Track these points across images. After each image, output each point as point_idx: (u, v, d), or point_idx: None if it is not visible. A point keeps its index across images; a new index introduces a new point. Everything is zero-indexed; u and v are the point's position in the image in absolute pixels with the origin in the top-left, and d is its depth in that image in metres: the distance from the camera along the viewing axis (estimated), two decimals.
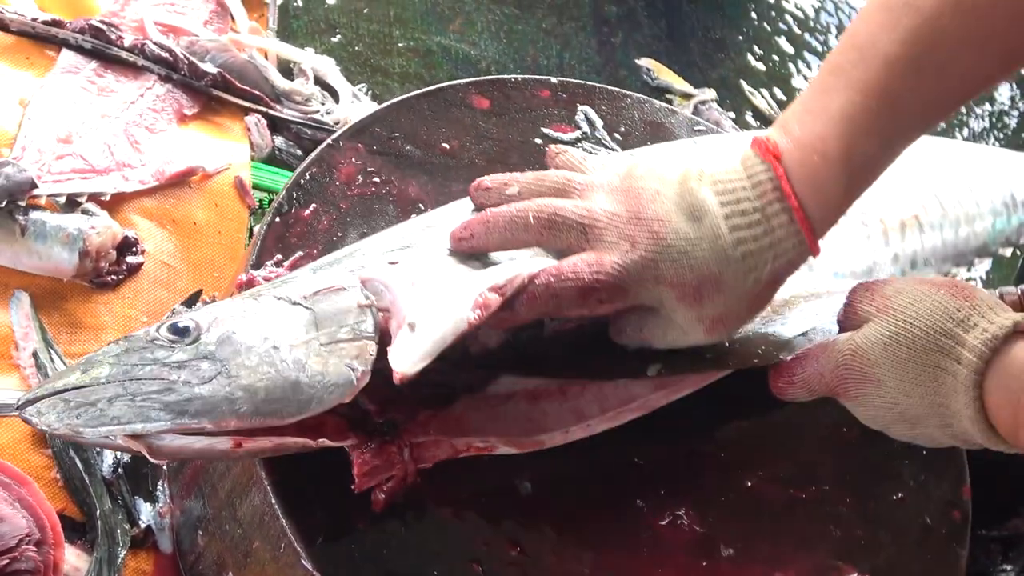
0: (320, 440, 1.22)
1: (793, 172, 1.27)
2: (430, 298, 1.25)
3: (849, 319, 1.31)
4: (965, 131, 2.76)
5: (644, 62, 2.51)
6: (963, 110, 2.64)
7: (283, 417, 1.18)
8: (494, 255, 1.34)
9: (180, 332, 1.22)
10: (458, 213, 1.42)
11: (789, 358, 1.33)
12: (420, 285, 1.27)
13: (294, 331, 1.23)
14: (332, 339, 1.23)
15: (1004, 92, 2.83)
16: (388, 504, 1.27)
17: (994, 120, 2.74)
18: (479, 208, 1.39)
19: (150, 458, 1.17)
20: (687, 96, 2.48)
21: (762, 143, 1.29)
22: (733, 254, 1.27)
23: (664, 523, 1.40)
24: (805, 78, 2.72)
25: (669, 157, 1.35)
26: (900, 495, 1.50)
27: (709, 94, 2.50)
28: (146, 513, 1.50)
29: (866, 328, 1.26)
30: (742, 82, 2.64)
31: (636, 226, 1.28)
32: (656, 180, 1.31)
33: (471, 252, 1.33)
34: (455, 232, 1.34)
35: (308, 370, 1.20)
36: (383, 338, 1.24)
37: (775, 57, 2.75)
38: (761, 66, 2.69)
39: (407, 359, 1.20)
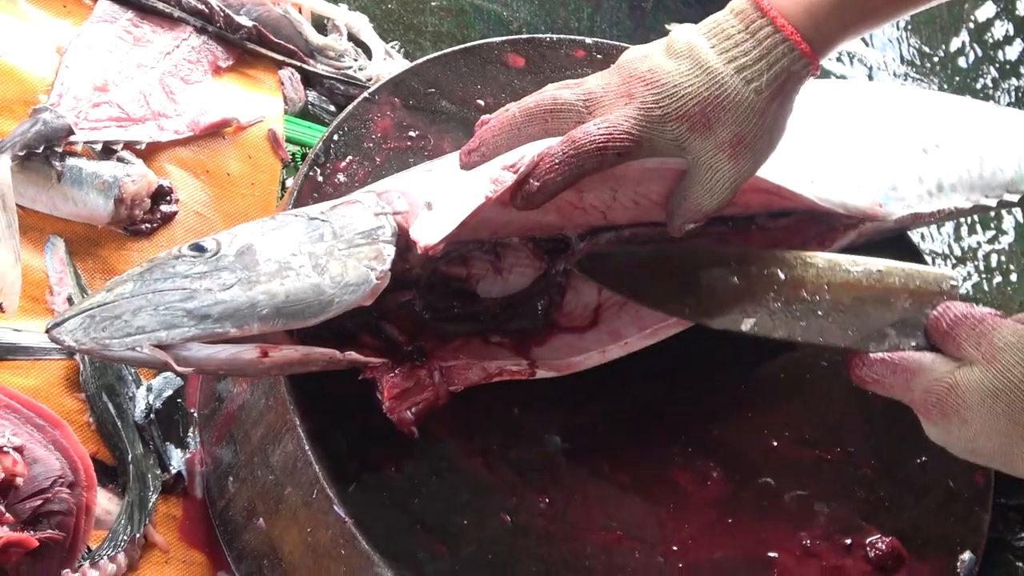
0: (348, 352, 1.23)
1: None
2: (447, 181, 1.28)
3: (946, 346, 1.30)
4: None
5: (674, 27, 2.51)
6: (990, 85, 2.63)
7: (305, 318, 1.20)
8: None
9: (201, 248, 1.24)
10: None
11: (879, 355, 1.33)
12: (436, 172, 1.31)
13: (313, 240, 1.25)
14: (350, 244, 1.24)
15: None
16: (417, 423, 1.29)
17: (1020, 95, 2.73)
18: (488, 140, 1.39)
19: (176, 368, 1.18)
20: None
21: None
22: (725, 71, 1.29)
23: (691, 480, 1.41)
24: None
25: None
26: (924, 459, 1.51)
27: None
28: (177, 459, 1.51)
29: (968, 371, 1.26)
30: None
31: (630, 83, 1.31)
32: (643, 49, 1.35)
33: (481, 162, 1.34)
34: (463, 149, 1.36)
35: (327, 272, 1.21)
36: (404, 241, 1.26)
37: None
38: None
39: (429, 231, 1.23)
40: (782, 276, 1.37)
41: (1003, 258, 2.28)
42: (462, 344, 1.33)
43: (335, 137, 1.51)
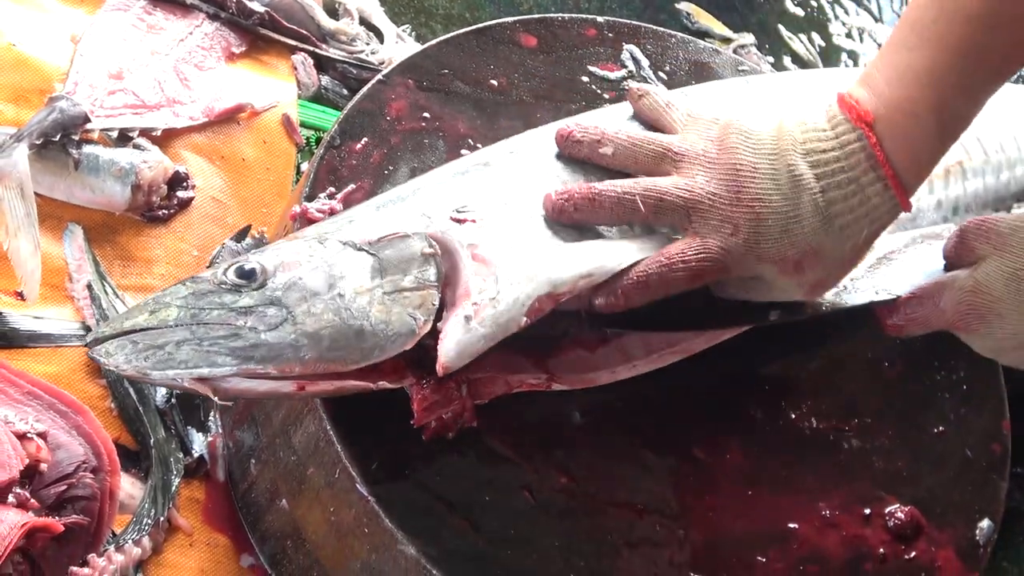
0: (380, 383, 1.24)
1: (884, 137, 1.30)
2: (491, 285, 1.27)
3: (961, 256, 1.33)
4: None
5: (684, 6, 2.51)
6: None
7: (346, 364, 1.21)
8: (556, 238, 1.35)
9: (247, 275, 1.24)
10: (519, 153, 1.43)
11: (902, 296, 1.35)
12: (482, 259, 1.29)
13: (359, 278, 1.25)
14: (396, 287, 1.25)
15: None
16: (437, 435, 1.29)
17: None
18: (566, 156, 1.41)
19: (214, 398, 1.20)
20: (726, 40, 2.48)
21: (850, 105, 1.31)
22: (832, 226, 1.30)
23: (709, 454, 1.42)
24: (843, 23, 2.72)
25: (757, 116, 1.35)
26: (940, 428, 1.52)
27: (748, 39, 2.50)
28: (199, 442, 1.52)
29: (985, 265, 1.28)
30: (780, 27, 2.64)
31: (737, 207, 1.30)
32: (751, 152, 1.32)
33: (569, 223, 1.35)
34: (556, 202, 1.34)
35: (372, 319, 1.22)
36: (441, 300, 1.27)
37: (813, 2, 2.75)
38: (800, 11, 2.68)
39: (455, 352, 1.23)
40: None
41: None
42: (487, 355, 1.33)
43: (350, 120, 1.51)
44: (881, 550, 1.42)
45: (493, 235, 1.31)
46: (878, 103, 1.30)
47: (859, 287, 1.43)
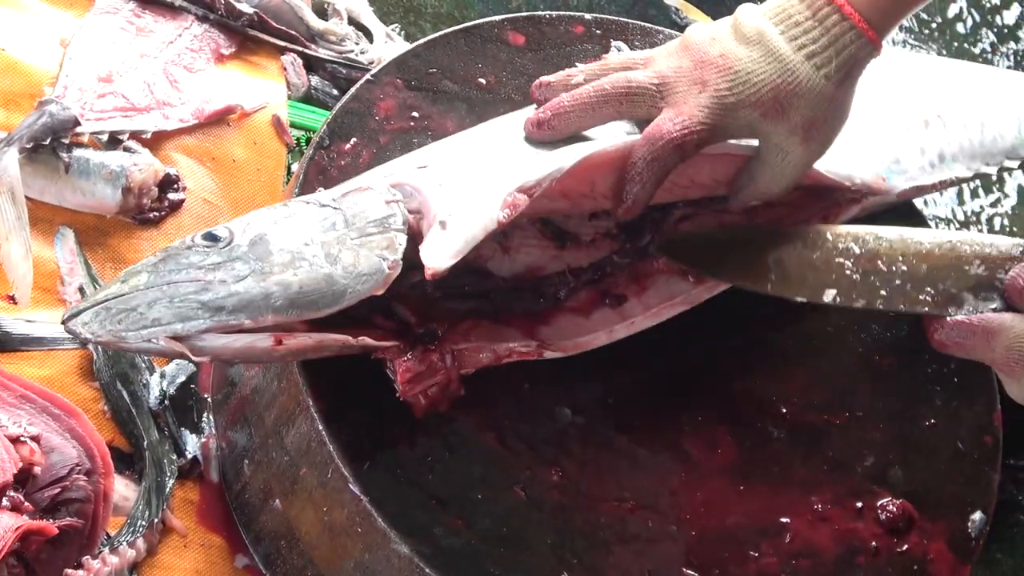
0: (360, 337, 1.24)
1: None
2: (460, 197, 1.28)
3: (1020, 302, 1.36)
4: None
5: (672, 1, 2.51)
6: (988, 50, 2.64)
7: (319, 309, 1.21)
8: (520, 153, 1.36)
9: (214, 238, 1.24)
10: (487, 128, 1.45)
11: (956, 318, 1.36)
12: (449, 185, 1.30)
13: (324, 229, 1.26)
14: (362, 233, 1.25)
15: None
16: (429, 409, 1.30)
17: (1019, 58, 2.73)
18: (547, 99, 1.41)
19: (192, 358, 1.19)
20: None
21: None
22: (796, 58, 1.32)
23: (701, 448, 1.42)
24: None
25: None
26: (932, 421, 1.52)
27: None
28: (192, 444, 1.52)
29: None
30: None
31: (703, 69, 1.34)
32: (709, 30, 1.38)
33: (550, 137, 1.37)
34: (531, 118, 1.37)
35: (340, 262, 1.22)
36: (414, 239, 1.27)
37: None
38: None
39: (439, 255, 1.23)
40: (857, 250, 1.42)
41: (1006, 221, 2.29)
42: (472, 326, 1.33)
43: (339, 120, 1.51)
44: (873, 543, 1.42)
45: (456, 168, 1.33)
46: None
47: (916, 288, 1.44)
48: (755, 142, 1.39)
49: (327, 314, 1.21)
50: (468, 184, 1.29)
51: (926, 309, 1.39)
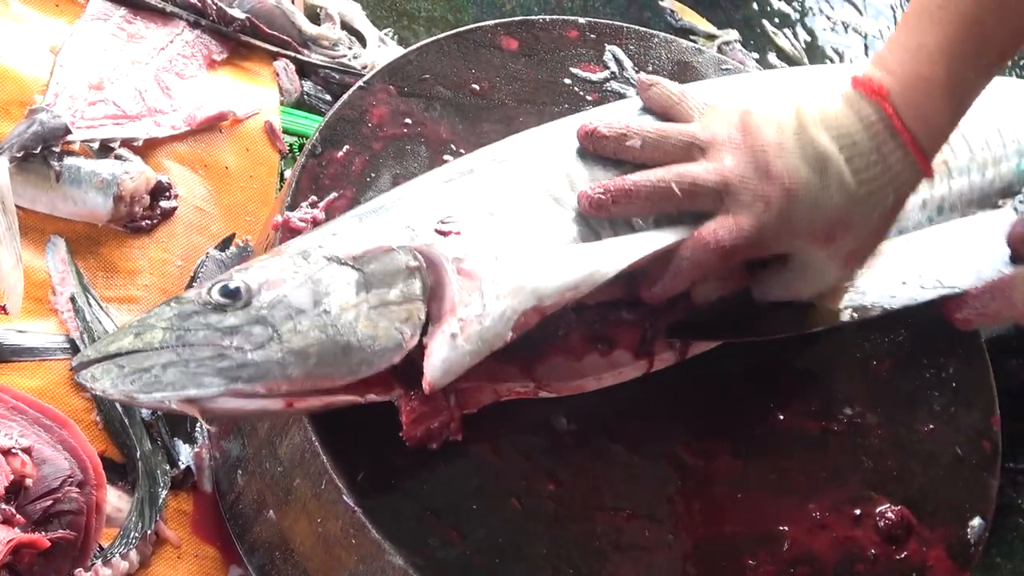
0: (368, 396, 1.24)
1: (901, 109, 1.34)
2: (476, 300, 1.26)
3: None
4: None
5: (668, 3, 2.51)
6: None
7: (334, 380, 1.21)
8: (541, 221, 1.35)
9: (231, 294, 1.23)
10: (504, 160, 1.42)
11: (971, 291, 1.38)
12: (468, 272, 1.28)
13: (344, 293, 1.24)
14: (382, 301, 1.24)
15: None
16: (422, 444, 1.29)
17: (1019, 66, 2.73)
18: (596, 152, 1.42)
19: (203, 421, 1.20)
20: (711, 37, 2.48)
21: (866, 83, 1.36)
22: (858, 194, 1.34)
23: (698, 456, 1.41)
24: (828, 18, 2.71)
25: (774, 102, 1.39)
26: (930, 426, 1.51)
27: (732, 35, 2.50)
28: (185, 454, 1.51)
29: None
30: (765, 22, 2.63)
31: (768, 184, 1.34)
32: (775, 131, 1.36)
33: (605, 217, 1.37)
34: (593, 197, 1.36)
35: (359, 334, 1.21)
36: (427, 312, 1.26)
37: None
38: (784, 6, 2.68)
39: (442, 370, 1.23)
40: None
41: None
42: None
43: (331, 127, 1.51)
44: (872, 551, 1.41)
45: (478, 247, 1.30)
46: (892, 80, 1.35)
47: (924, 283, 1.46)
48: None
49: (340, 385, 1.22)
50: (488, 283, 1.27)
51: (940, 293, 1.42)
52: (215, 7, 1.94)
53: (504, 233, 1.33)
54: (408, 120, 1.54)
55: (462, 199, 1.36)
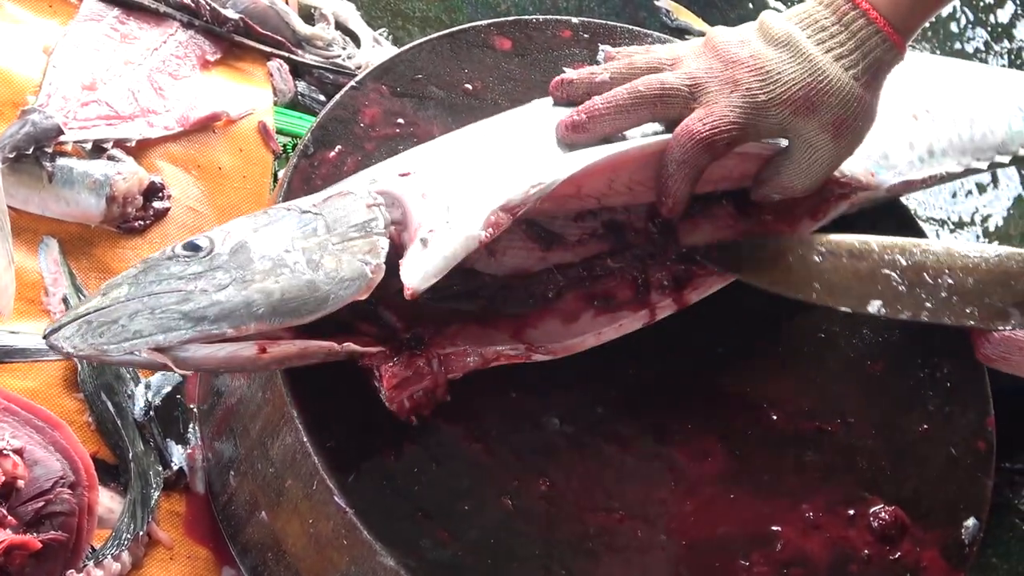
0: (345, 344, 1.24)
1: None
2: (442, 211, 1.27)
3: None
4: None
5: (663, 3, 2.50)
6: (982, 48, 2.63)
7: (302, 316, 1.20)
8: (503, 156, 1.37)
9: (195, 247, 1.24)
10: (474, 131, 1.45)
11: (1002, 333, 1.39)
12: (432, 196, 1.29)
13: (305, 234, 1.25)
14: (343, 238, 1.25)
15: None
16: (412, 412, 1.29)
17: (1013, 57, 2.73)
18: (565, 102, 1.44)
19: (176, 370, 1.19)
20: None
21: None
22: (825, 59, 1.38)
23: (691, 457, 1.41)
24: None
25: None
26: (925, 427, 1.51)
27: None
28: (178, 455, 1.51)
29: None
30: None
31: (734, 69, 1.38)
32: (736, 33, 1.42)
33: (584, 141, 1.38)
34: (565, 121, 1.39)
35: (322, 268, 1.22)
36: (396, 251, 1.26)
37: None
38: (780, 6, 2.68)
39: (418, 274, 1.23)
40: (903, 262, 1.47)
41: (1000, 222, 2.29)
42: (459, 330, 1.33)
43: (323, 127, 1.50)
44: (866, 551, 1.41)
45: (439, 176, 1.32)
46: None
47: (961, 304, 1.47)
48: (784, 141, 1.43)
49: (310, 320, 1.21)
50: (451, 197, 1.29)
51: (972, 323, 1.43)
52: (208, 8, 1.94)
53: (464, 167, 1.35)
54: (400, 120, 1.54)
55: (422, 156, 1.39)
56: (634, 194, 1.44)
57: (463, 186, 1.31)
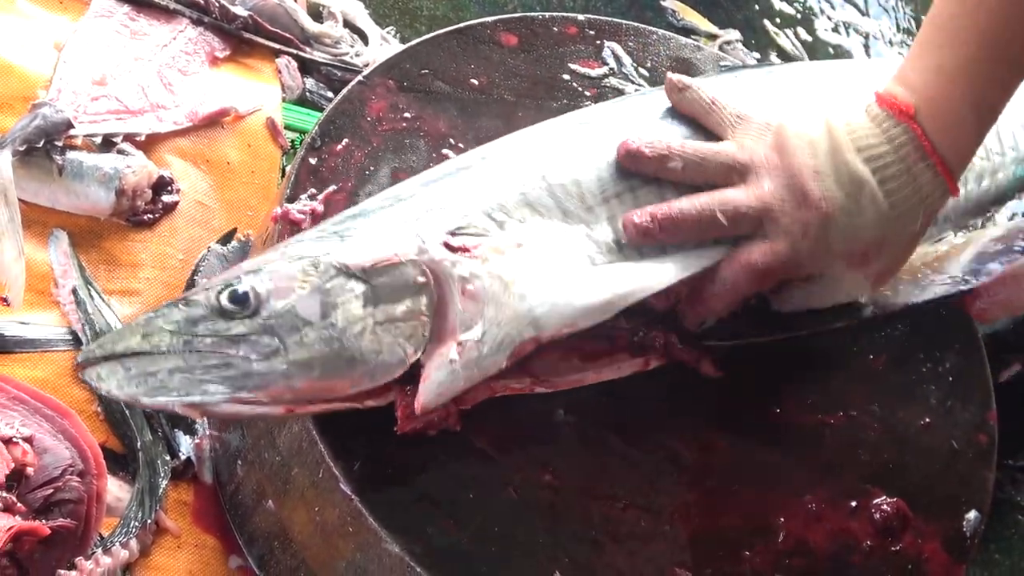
0: (366, 403, 1.25)
1: (928, 128, 1.37)
2: (479, 324, 1.27)
3: None
4: None
5: (669, 3, 2.51)
6: None
7: (335, 391, 1.22)
8: (551, 252, 1.34)
9: (239, 300, 1.23)
10: (505, 156, 1.42)
11: (986, 281, 1.41)
12: (474, 294, 1.28)
13: (351, 306, 1.24)
14: (388, 317, 1.24)
15: None
16: (417, 433, 1.29)
17: None
18: (635, 171, 1.42)
19: (202, 420, 1.22)
20: (712, 37, 2.48)
21: (891, 102, 1.39)
22: (890, 215, 1.37)
23: (695, 448, 1.42)
24: (829, 18, 2.71)
25: (804, 117, 1.43)
26: (927, 420, 1.52)
27: (734, 35, 2.50)
28: (186, 445, 1.52)
29: None
30: (766, 23, 2.64)
31: (805, 209, 1.37)
32: (809, 154, 1.38)
33: (651, 244, 1.37)
34: (641, 225, 1.37)
35: (363, 348, 1.22)
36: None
37: None
38: (786, 6, 2.68)
39: (434, 395, 1.25)
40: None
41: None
42: None
43: (330, 121, 1.52)
44: (867, 543, 1.42)
45: (486, 269, 1.30)
46: (917, 98, 1.38)
47: (935, 280, 1.52)
48: None
49: (341, 396, 1.24)
50: (490, 308, 1.28)
51: (960, 288, 1.47)
52: (218, 5, 1.95)
53: (514, 251, 1.32)
54: (407, 114, 1.55)
55: (471, 205, 1.35)
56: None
57: (504, 298, 1.29)
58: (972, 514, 1.47)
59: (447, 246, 1.30)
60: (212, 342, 1.21)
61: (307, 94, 1.98)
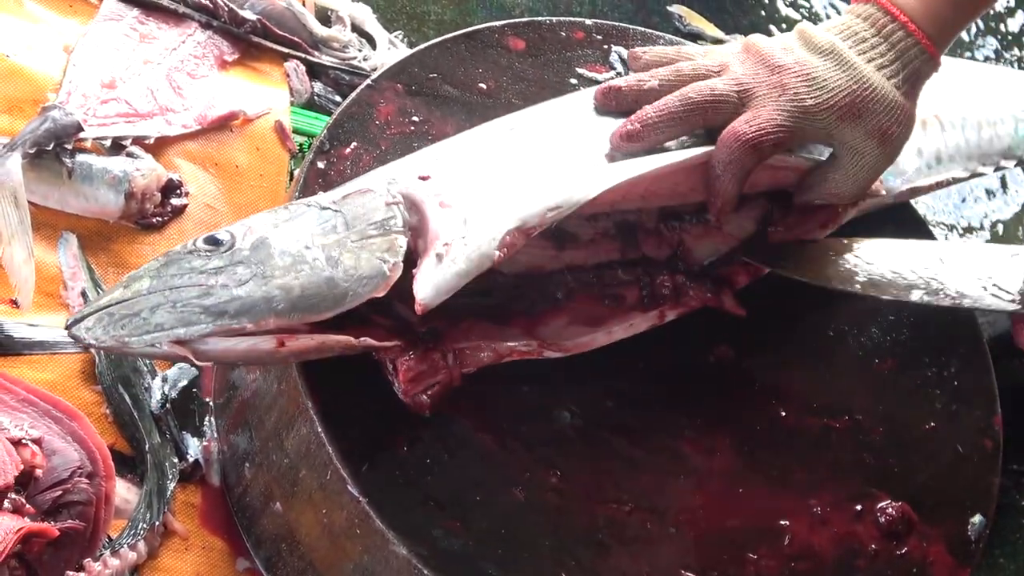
0: (363, 338, 1.25)
1: (899, 2, 1.43)
2: (459, 225, 1.28)
3: None
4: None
5: (676, 8, 2.51)
6: (992, 56, 2.63)
7: (320, 312, 1.22)
8: (523, 165, 1.38)
9: (216, 242, 1.26)
10: (494, 131, 1.46)
11: None
12: (450, 206, 1.30)
13: (325, 231, 1.27)
14: (362, 236, 1.26)
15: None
16: (434, 409, 1.31)
17: (1023, 66, 2.73)
18: (617, 112, 1.45)
19: (196, 362, 1.21)
20: (718, 42, 2.48)
21: None
22: (868, 68, 1.41)
23: (700, 451, 1.42)
24: None
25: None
26: (932, 424, 1.52)
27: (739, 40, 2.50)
28: (194, 447, 1.52)
29: None
30: (772, 28, 2.64)
31: (780, 74, 1.42)
32: (777, 41, 1.46)
33: (639, 149, 1.40)
34: (620, 131, 1.41)
35: (341, 265, 1.23)
36: (410, 255, 1.28)
37: (805, 3, 2.75)
38: (792, 12, 2.68)
39: (431, 290, 1.24)
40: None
41: (1010, 225, 2.29)
42: (472, 325, 1.34)
43: (339, 125, 1.52)
44: (872, 546, 1.42)
45: (457, 183, 1.33)
46: None
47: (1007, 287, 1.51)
48: (826, 151, 1.47)
49: (328, 316, 1.23)
50: (469, 210, 1.30)
51: (1014, 307, 1.47)
52: (227, 9, 1.96)
53: (482, 172, 1.36)
54: (415, 118, 1.56)
55: (442, 154, 1.40)
56: (647, 201, 1.46)
57: (481, 198, 1.32)
58: (977, 518, 1.48)
59: (419, 178, 1.34)
60: (190, 277, 1.22)
61: (315, 98, 1.99)
